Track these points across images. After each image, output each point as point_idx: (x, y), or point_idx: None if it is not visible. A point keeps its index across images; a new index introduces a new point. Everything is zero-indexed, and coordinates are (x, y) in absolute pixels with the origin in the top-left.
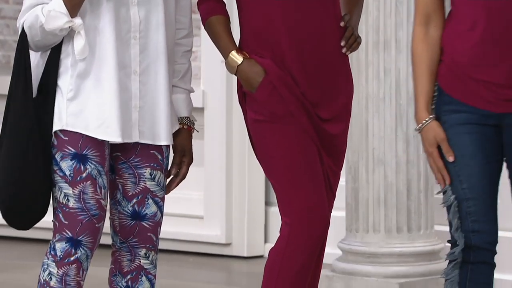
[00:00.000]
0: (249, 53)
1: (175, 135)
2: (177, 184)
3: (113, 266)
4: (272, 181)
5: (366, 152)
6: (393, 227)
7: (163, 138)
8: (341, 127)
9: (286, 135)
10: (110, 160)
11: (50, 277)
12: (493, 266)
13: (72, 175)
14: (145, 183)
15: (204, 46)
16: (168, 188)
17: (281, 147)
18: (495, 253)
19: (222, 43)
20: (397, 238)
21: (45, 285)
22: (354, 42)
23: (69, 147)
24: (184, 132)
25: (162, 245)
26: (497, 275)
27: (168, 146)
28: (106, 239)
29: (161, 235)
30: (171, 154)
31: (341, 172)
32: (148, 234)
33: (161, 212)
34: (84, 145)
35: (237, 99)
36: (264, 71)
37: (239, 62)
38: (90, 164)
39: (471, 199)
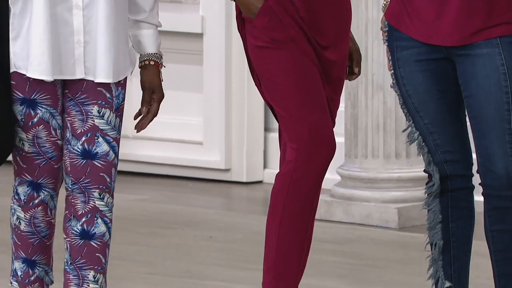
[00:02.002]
0: None
1: (143, 72)
2: (149, 123)
3: (67, 212)
4: (276, 107)
5: (365, 77)
6: (391, 152)
7: (102, 75)
8: (340, 54)
9: (288, 60)
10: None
11: (19, 221)
12: (471, 189)
13: (23, 120)
14: (93, 121)
15: None
16: (139, 128)
17: (284, 73)
18: (472, 175)
19: None
20: (396, 163)
21: (16, 230)
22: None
23: (17, 92)
24: (151, 68)
25: (161, 171)
26: (477, 197)
27: (119, 84)
28: None
29: (159, 161)
30: (139, 94)
31: (340, 99)
32: (101, 174)
33: (115, 153)
34: (32, 90)
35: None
36: None
37: None
38: (41, 108)
39: (435, 133)
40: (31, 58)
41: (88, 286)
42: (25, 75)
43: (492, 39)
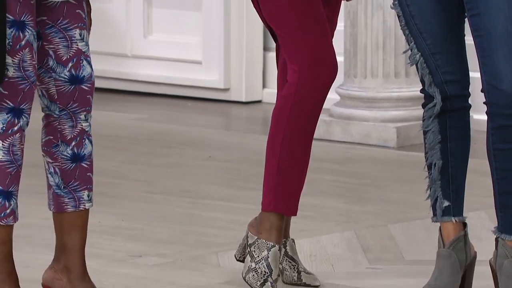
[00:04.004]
0: None
1: None
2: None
3: (51, 137)
4: (277, 30)
5: None
6: (391, 71)
7: None
8: None
9: None
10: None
11: None
12: (469, 108)
13: (11, 43)
14: (77, 45)
15: None
16: None
17: None
18: (469, 95)
19: None
20: (395, 82)
21: None
22: None
23: (8, 15)
24: None
25: (159, 90)
26: (475, 115)
27: (87, 2)
28: None
29: (158, 80)
30: None
31: (338, 18)
32: (87, 96)
33: (93, 71)
34: (22, 11)
35: None
36: None
37: None
38: (28, 31)
39: (437, 53)
40: None
41: (84, 205)
42: None
43: None
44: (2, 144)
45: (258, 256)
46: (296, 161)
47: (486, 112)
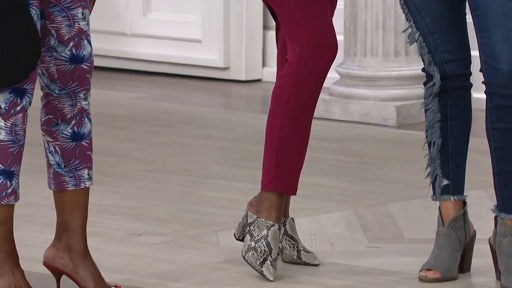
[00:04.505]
0: None
1: None
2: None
3: (51, 116)
4: (277, 9)
5: None
6: (391, 50)
7: None
8: None
9: None
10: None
11: None
12: (470, 87)
13: None
14: (79, 24)
15: None
16: None
17: None
18: (471, 74)
19: None
20: (395, 61)
21: None
22: None
23: None
24: None
25: (159, 69)
26: (475, 94)
27: None
28: None
29: (158, 59)
30: None
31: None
32: (87, 75)
33: (92, 50)
34: None
35: None
36: None
37: None
38: (32, 10)
39: (436, 32)
40: None
41: (85, 184)
42: None
43: None
44: (5, 124)
45: (257, 235)
46: (296, 140)
47: (485, 92)
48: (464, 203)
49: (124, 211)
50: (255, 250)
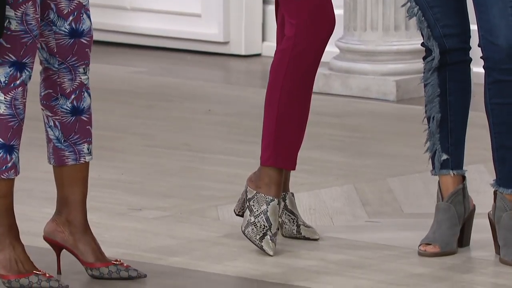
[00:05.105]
0: None
1: None
2: None
3: (51, 91)
4: None
5: None
6: (390, 25)
7: None
8: None
9: None
10: None
11: None
12: (469, 61)
13: None
14: None
15: None
16: None
17: None
18: (470, 48)
19: None
20: (395, 36)
21: None
22: None
23: None
24: None
25: (159, 43)
26: (475, 69)
27: None
28: None
29: (157, 33)
30: None
31: None
32: (86, 50)
33: (92, 24)
34: None
35: None
36: None
37: None
38: None
39: (435, 7)
40: None
41: (85, 158)
42: None
43: None
44: (5, 98)
45: (257, 210)
46: (295, 115)
47: (483, 67)
48: (464, 177)
49: (124, 185)
50: (254, 225)
